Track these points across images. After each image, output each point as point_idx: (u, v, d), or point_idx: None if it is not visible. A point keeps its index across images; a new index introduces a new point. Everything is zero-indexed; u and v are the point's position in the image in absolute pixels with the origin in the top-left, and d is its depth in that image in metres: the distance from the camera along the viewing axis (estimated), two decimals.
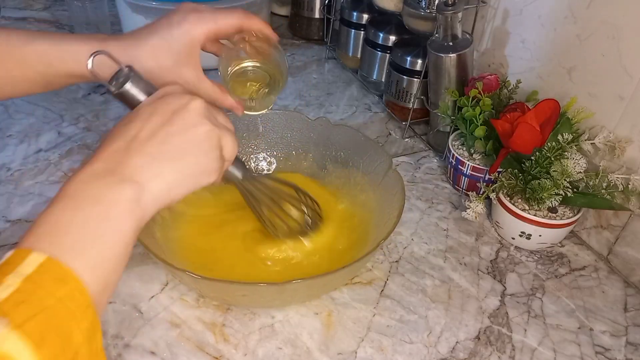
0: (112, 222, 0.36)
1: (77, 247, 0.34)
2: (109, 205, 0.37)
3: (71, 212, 0.36)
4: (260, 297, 0.55)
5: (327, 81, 1.04)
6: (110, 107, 0.91)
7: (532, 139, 0.64)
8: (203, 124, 0.43)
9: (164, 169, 0.41)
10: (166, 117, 0.42)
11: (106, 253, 0.36)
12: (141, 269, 0.62)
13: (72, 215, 0.35)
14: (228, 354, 0.54)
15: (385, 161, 0.65)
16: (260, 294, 0.54)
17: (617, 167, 0.65)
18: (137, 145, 0.40)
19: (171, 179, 0.41)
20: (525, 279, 0.65)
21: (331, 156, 0.73)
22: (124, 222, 0.37)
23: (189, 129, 0.42)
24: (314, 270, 0.60)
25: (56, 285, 0.32)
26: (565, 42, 0.69)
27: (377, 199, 0.65)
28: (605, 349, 0.58)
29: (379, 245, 0.54)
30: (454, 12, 0.73)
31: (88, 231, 0.35)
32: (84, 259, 0.34)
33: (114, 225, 0.36)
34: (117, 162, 0.39)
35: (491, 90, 0.72)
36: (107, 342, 0.54)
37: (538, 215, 0.65)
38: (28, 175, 0.75)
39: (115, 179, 0.38)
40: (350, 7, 1.00)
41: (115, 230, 0.37)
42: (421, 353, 0.56)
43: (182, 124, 0.42)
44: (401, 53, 0.86)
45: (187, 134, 0.42)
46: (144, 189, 0.39)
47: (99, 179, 0.38)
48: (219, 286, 0.53)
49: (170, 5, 0.96)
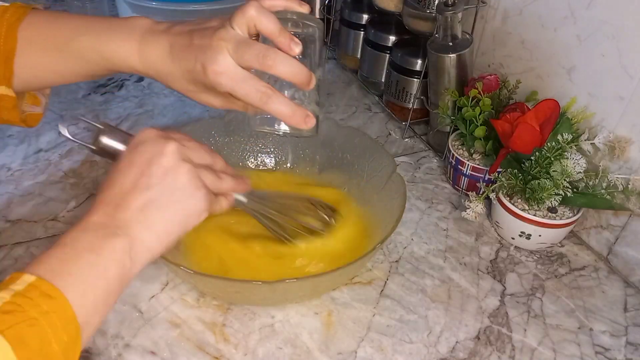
0: (101, 270, 0.39)
1: (68, 277, 0.37)
2: (100, 255, 0.39)
3: (67, 255, 0.38)
4: (253, 295, 0.56)
5: (327, 81, 1.04)
6: (111, 107, 0.91)
7: (531, 139, 0.64)
8: (180, 167, 0.43)
9: (152, 220, 0.42)
10: (143, 167, 0.43)
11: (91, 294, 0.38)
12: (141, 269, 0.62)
13: (67, 258, 0.38)
14: (228, 354, 0.54)
15: (390, 165, 0.65)
16: (252, 291, 0.54)
17: (617, 167, 0.65)
18: (121, 200, 0.42)
19: (160, 228, 0.43)
20: (525, 279, 0.65)
21: (337, 158, 0.73)
22: (111, 270, 0.39)
23: (168, 175, 0.43)
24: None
25: (43, 299, 0.34)
26: (565, 42, 0.69)
27: (379, 201, 0.65)
28: (605, 349, 0.58)
29: (378, 245, 0.54)
30: (454, 13, 0.73)
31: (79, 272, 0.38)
32: (73, 287, 0.37)
33: (102, 273, 0.39)
34: (109, 216, 0.41)
35: (491, 90, 0.72)
36: (107, 342, 0.54)
37: (538, 215, 0.65)
38: (28, 175, 0.75)
39: (107, 232, 0.40)
40: (350, 7, 1.00)
41: (102, 277, 0.39)
42: (421, 353, 0.56)
43: (160, 172, 0.43)
44: (401, 53, 0.86)
45: (167, 181, 0.43)
46: (135, 241, 0.41)
47: (95, 231, 0.40)
48: (213, 282, 0.53)
49: (170, 6, 0.97)
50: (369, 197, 0.68)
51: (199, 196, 0.44)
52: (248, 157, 0.75)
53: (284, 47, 0.46)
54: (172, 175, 0.43)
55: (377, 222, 0.63)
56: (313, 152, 0.74)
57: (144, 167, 0.43)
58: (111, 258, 0.39)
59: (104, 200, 0.42)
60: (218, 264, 0.61)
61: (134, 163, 0.43)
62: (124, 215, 0.41)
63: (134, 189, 0.42)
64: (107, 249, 0.39)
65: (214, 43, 0.45)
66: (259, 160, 0.76)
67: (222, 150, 0.73)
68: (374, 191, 0.67)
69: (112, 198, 0.42)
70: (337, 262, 0.61)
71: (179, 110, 0.92)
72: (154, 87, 0.98)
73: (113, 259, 0.39)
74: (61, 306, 0.35)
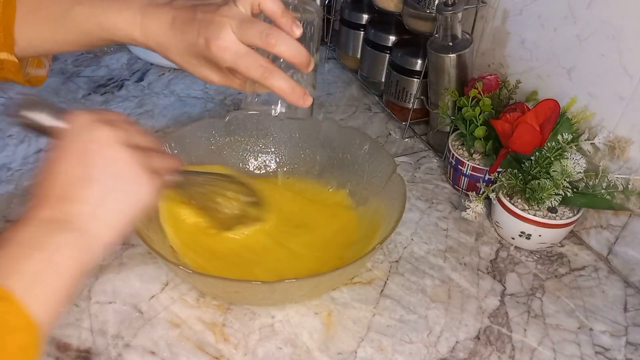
0: (53, 267, 0.38)
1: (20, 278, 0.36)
2: (53, 252, 0.38)
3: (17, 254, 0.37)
4: (252, 295, 0.56)
5: (327, 81, 1.04)
6: (111, 107, 0.92)
7: (531, 139, 0.64)
8: (119, 152, 0.42)
9: (100, 211, 0.41)
10: (82, 157, 0.42)
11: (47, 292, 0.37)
12: (141, 269, 0.62)
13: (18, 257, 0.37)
14: (228, 354, 0.54)
15: (390, 165, 0.65)
16: (251, 291, 0.54)
17: (617, 167, 0.65)
18: (65, 192, 0.41)
19: (109, 217, 0.42)
20: (525, 279, 0.65)
21: (337, 158, 0.73)
22: (67, 266, 0.39)
23: (108, 163, 0.42)
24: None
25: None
26: (565, 42, 0.69)
27: (379, 201, 0.65)
28: (605, 349, 0.58)
29: (378, 245, 0.54)
30: (454, 13, 0.73)
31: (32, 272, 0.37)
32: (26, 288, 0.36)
33: (55, 270, 0.38)
34: (55, 210, 0.40)
35: (491, 90, 0.72)
36: (107, 342, 0.54)
37: (538, 215, 0.65)
38: (28, 175, 0.75)
39: (56, 227, 0.39)
40: (350, 7, 1.00)
41: (55, 274, 0.38)
42: (421, 353, 0.56)
43: (100, 161, 0.42)
44: (401, 53, 0.86)
45: (109, 169, 0.42)
46: (85, 233, 0.40)
47: (43, 227, 0.39)
48: (212, 282, 0.53)
49: None
50: (369, 197, 0.68)
51: (144, 180, 0.43)
52: (248, 157, 0.75)
53: (286, 28, 0.46)
54: (113, 163, 0.42)
55: (377, 222, 0.63)
56: (313, 152, 0.74)
57: (82, 156, 0.42)
58: (63, 254, 0.39)
59: (46, 193, 0.41)
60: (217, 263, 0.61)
61: (71, 153, 0.42)
62: (70, 208, 0.40)
63: (76, 180, 0.41)
64: (57, 245, 0.39)
65: (217, 18, 0.46)
66: (260, 161, 0.76)
67: (222, 150, 0.73)
68: (374, 191, 0.67)
69: (55, 190, 0.41)
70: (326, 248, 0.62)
71: (179, 110, 0.92)
72: (154, 87, 0.98)
73: (65, 255, 0.39)
74: (14, 308, 0.35)
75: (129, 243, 0.65)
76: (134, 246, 0.65)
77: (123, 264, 0.63)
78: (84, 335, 0.55)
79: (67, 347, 0.54)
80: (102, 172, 0.42)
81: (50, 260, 0.38)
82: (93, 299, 0.59)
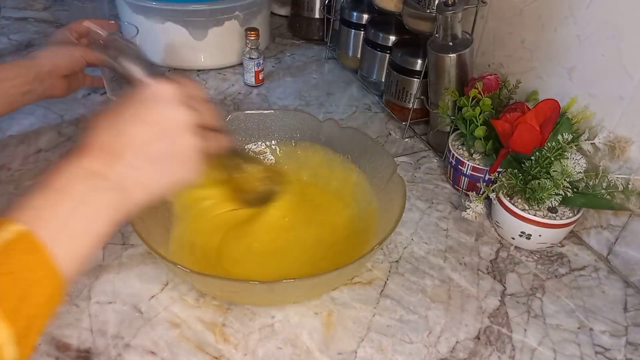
0: (91, 224, 0.39)
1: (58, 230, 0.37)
2: (88, 206, 0.39)
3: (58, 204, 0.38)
4: (252, 295, 0.56)
5: (327, 81, 1.04)
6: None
7: (532, 139, 0.64)
8: (189, 139, 0.44)
9: (148, 181, 0.43)
10: (153, 128, 0.43)
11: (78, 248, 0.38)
12: (141, 269, 0.62)
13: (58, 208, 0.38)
14: (228, 354, 0.54)
15: (391, 166, 0.65)
16: (251, 291, 0.54)
17: (617, 167, 0.65)
18: (122, 151, 0.41)
19: (150, 187, 0.43)
20: (525, 279, 0.65)
21: (337, 158, 0.73)
22: (100, 225, 0.40)
23: (176, 144, 0.43)
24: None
25: (26, 255, 0.35)
26: (565, 42, 0.69)
27: (379, 202, 0.65)
28: (605, 349, 0.58)
29: (378, 245, 0.54)
30: (454, 12, 0.73)
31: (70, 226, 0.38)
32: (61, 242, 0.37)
33: (91, 227, 0.39)
34: (105, 165, 0.40)
35: (491, 90, 0.72)
36: (107, 342, 0.54)
37: (538, 215, 0.65)
38: (28, 175, 0.75)
39: (103, 185, 0.40)
40: (350, 7, 1.00)
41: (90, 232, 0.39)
42: (421, 353, 0.56)
43: (166, 140, 0.43)
44: (401, 53, 0.86)
45: (174, 149, 0.44)
46: (126, 197, 0.41)
47: (88, 179, 0.40)
48: (211, 282, 0.53)
49: (170, 6, 0.97)
50: (370, 197, 0.67)
51: (194, 169, 0.45)
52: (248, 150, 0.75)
53: None
54: (178, 147, 0.44)
55: (377, 222, 0.63)
56: (313, 152, 0.74)
57: (154, 128, 0.43)
58: (103, 213, 0.40)
59: (101, 144, 0.41)
60: (216, 262, 0.61)
61: (144, 119, 0.43)
62: (122, 169, 0.41)
63: (137, 145, 0.42)
64: (100, 203, 0.39)
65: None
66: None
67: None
68: (374, 191, 0.67)
69: (111, 145, 0.41)
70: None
71: None
72: None
73: (104, 214, 0.40)
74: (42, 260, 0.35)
75: (128, 243, 0.65)
76: (134, 246, 0.65)
77: (123, 264, 0.63)
78: (83, 335, 0.55)
79: (67, 347, 0.54)
80: (164, 150, 0.43)
81: (83, 214, 0.38)
82: (93, 299, 0.59)
